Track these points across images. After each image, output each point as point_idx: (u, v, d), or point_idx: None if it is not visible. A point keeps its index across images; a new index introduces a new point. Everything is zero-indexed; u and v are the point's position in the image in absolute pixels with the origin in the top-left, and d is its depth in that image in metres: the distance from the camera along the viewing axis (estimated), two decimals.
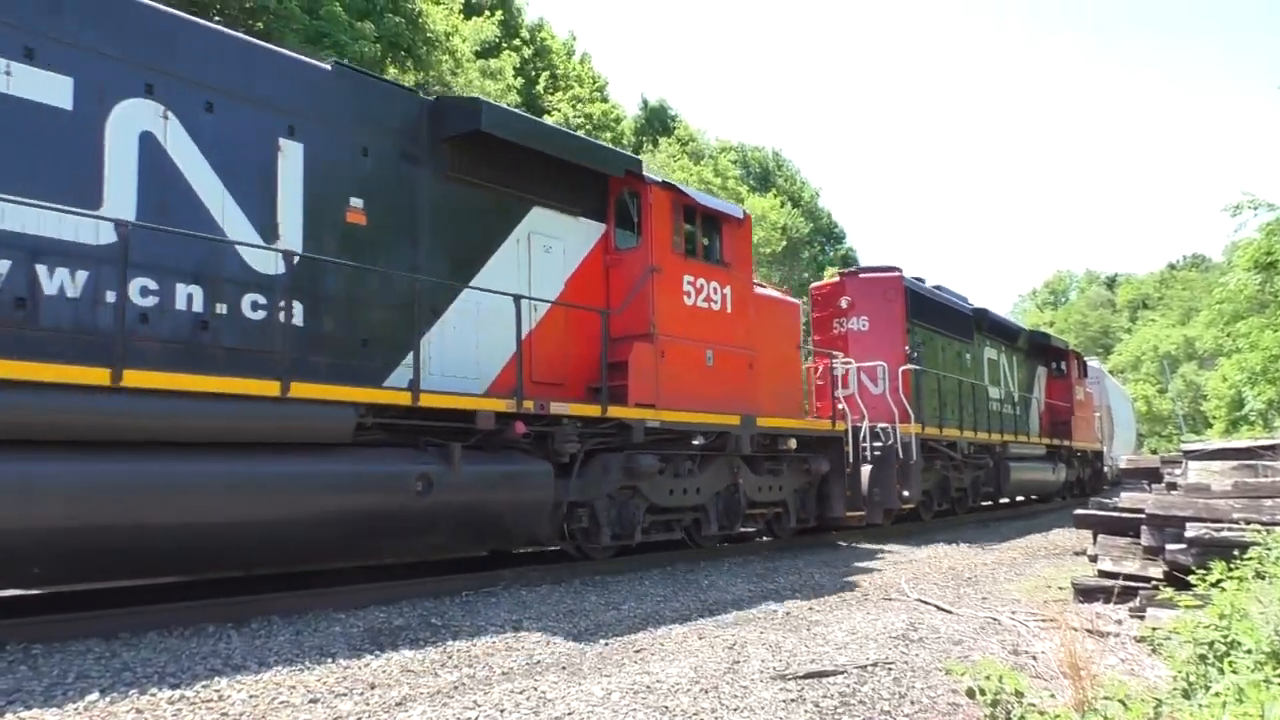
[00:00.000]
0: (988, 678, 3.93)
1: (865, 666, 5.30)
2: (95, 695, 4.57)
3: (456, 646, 5.97)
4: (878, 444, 13.68)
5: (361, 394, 7.22)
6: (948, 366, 17.36)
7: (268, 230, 7.26)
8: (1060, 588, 8.68)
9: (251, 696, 4.66)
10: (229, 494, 6.38)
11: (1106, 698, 3.77)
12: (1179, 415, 65.16)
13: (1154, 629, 5.74)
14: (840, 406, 13.15)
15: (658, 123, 48.23)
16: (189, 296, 6.74)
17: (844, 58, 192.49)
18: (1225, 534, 6.71)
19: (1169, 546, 7.12)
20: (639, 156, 10.85)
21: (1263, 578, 5.34)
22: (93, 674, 4.97)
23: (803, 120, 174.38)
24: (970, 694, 4.03)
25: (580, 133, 32.47)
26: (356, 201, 7.88)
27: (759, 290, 11.97)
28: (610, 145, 10.85)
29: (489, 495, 8.05)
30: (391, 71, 21.74)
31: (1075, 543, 12.76)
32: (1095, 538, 8.63)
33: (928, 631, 6.47)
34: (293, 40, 18.51)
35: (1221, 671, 3.91)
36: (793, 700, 4.61)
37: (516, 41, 32.84)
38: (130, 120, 6.58)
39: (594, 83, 38.95)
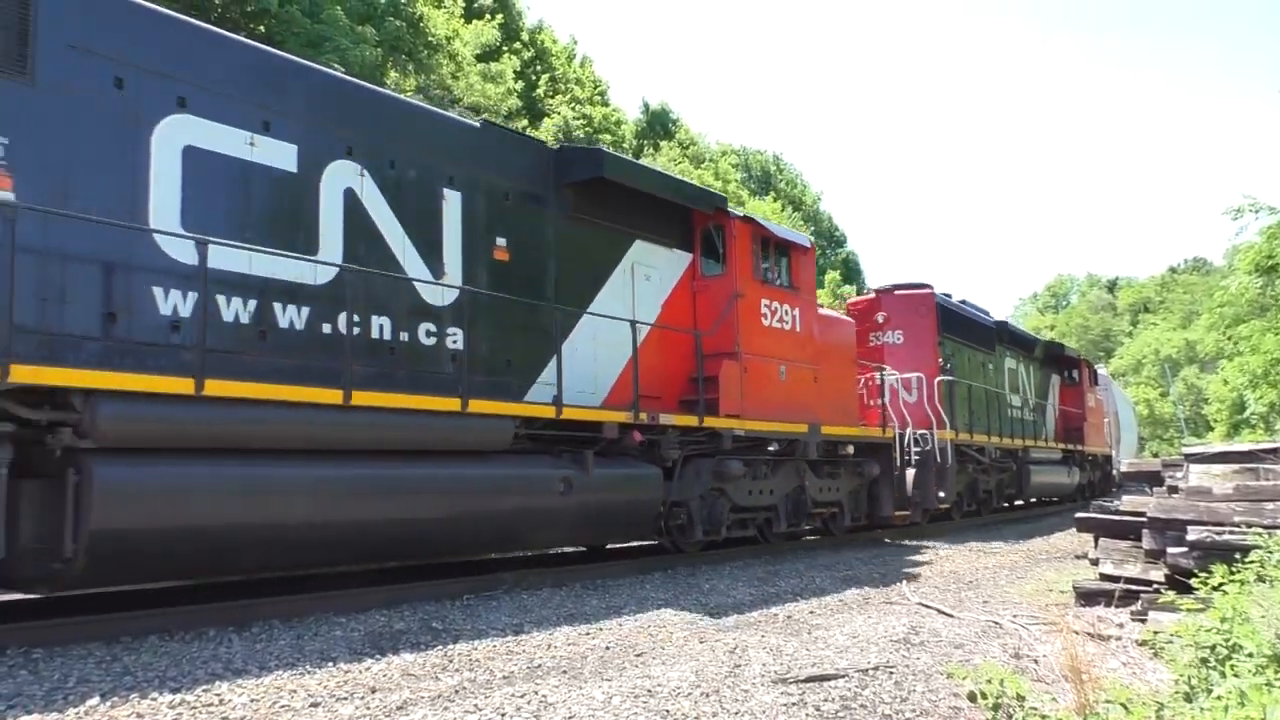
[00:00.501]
0: (989, 681, 3.92)
1: (866, 670, 5.29)
2: (96, 700, 4.57)
3: (457, 650, 5.96)
4: (916, 449, 14.64)
5: (519, 409, 8.56)
6: (973, 376, 18.32)
7: (436, 267, 8.44)
8: (1062, 591, 8.67)
9: (252, 700, 4.66)
10: (423, 494, 7.64)
11: (1108, 701, 3.77)
12: (1180, 419, 65.10)
13: (1155, 632, 5.73)
14: (894, 413, 14.30)
15: (659, 126, 48.25)
16: (380, 326, 7.88)
17: (844, 62, 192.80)
18: (1227, 537, 6.69)
19: (1170, 550, 7.11)
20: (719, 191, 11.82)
21: (1264, 581, 5.34)
22: (93, 678, 4.96)
23: (804, 124, 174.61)
24: (972, 698, 4.03)
25: (579, 135, 32.52)
26: (501, 240, 9.09)
27: (820, 311, 13.14)
28: (700, 185, 12.33)
29: (614, 495, 9.32)
30: (393, 75, 21.77)
31: (1077, 546, 12.75)
32: (1096, 541, 8.62)
33: (929, 635, 6.46)
34: (294, 44, 18.53)
35: (1223, 675, 3.90)
36: (794, 704, 4.60)
37: (516, 45, 32.88)
38: (336, 179, 7.77)
39: (595, 87, 38.98)
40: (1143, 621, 6.50)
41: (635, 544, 11.67)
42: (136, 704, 4.53)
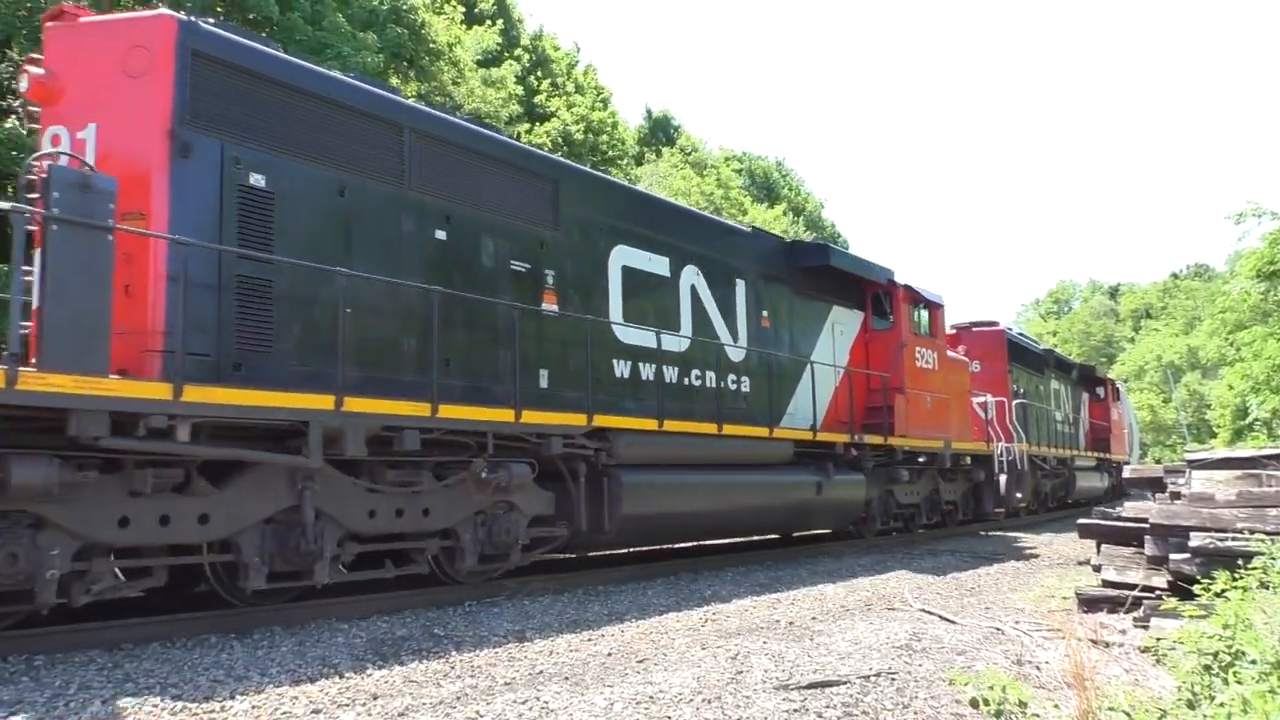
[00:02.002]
0: (991, 688, 3.93)
1: (868, 677, 5.28)
2: (97, 706, 4.56)
3: (459, 656, 5.96)
4: (1000, 459, 18.03)
5: (796, 433, 12.17)
6: (1031, 397, 21.47)
7: (734, 334, 11.92)
8: (1064, 598, 8.64)
9: (254, 707, 4.65)
10: (752, 491, 11.34)
11: (1111, 708, 3.77)
12: (1183, 425, 64.98)
13: (1158, 639, 5.72)
14: (991, 431, 17.83)
15: (661, 133, 48.26)
16: (711, 377, 11.25)
17: (846, 68, 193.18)
18: (1229, 544, 6.67)
19: (1173, 556, 7.08)
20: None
21: (1267, 587, 5.33)
22: (95, 685, 4.96)
23: (806, 130, 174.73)
24: (974, 704, 4.03)
25: (577, 136, 32.47)
26: (765, 312, 12.58)
27: (947, 352, 16.64)
28: (876, 262, 15.41)
29: (843, 494, 12.97)
30: (394, 82, 21.80)
31: (1079, 552, 12.72)
32: (1099, 547, 8.60)
33: (931, 641, 6.45)
34: (295, 52, 18.55)
35: (1226, 682, 3.89)
36: (796, 711, 4.59)
37: (518, 50, 32.90)
38: (687, 279, 11.32)
39: (598, 94, 39.00)
40: (1145, 628, 6.48)
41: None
42: (138, 711, 4.53)
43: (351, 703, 4.78)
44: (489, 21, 29.31)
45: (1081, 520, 9.28)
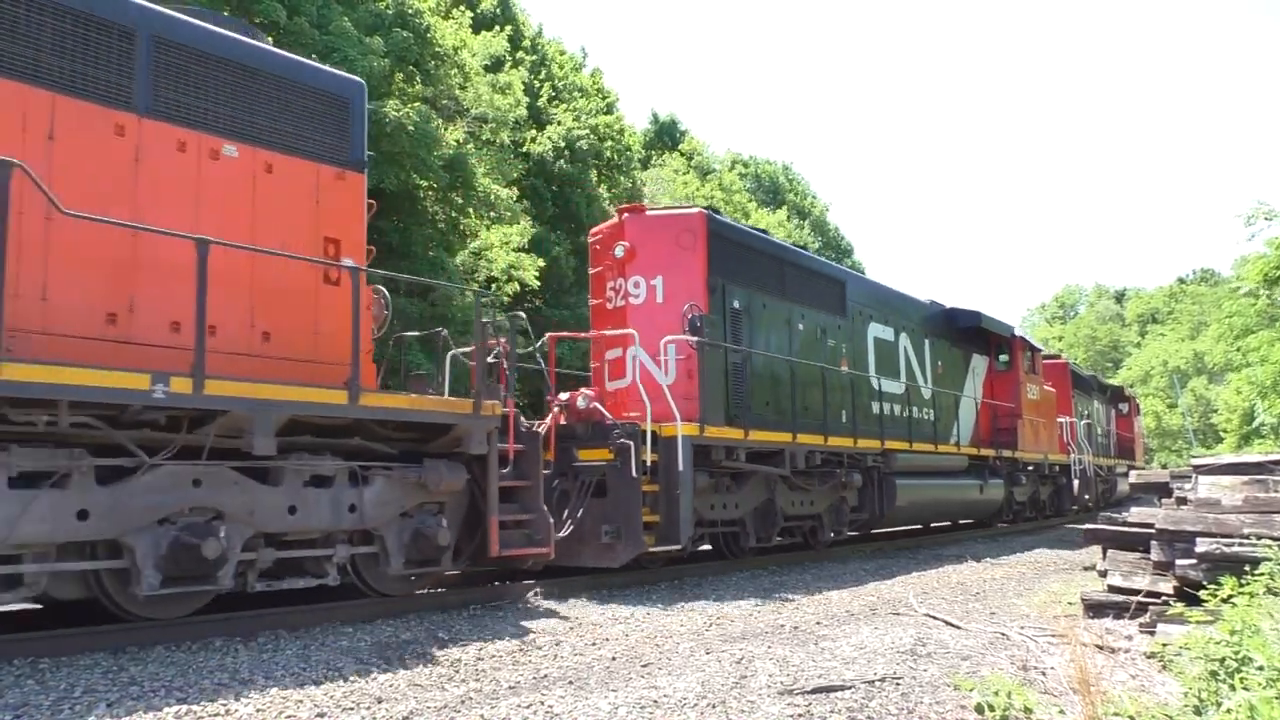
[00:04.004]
0: (996, 693, 3.91)
1: (873, 681, 5.26)
2: (102, 709, 4.57)
3: (464, 660, 5.96)
4: (1075, 468, 23.11)
5: (969, 450, 17.23)
6: (1081, 416, 25.80)
7: (924, 378, 16.29)
8: (1070, 603, 8.60)
9: (258, 711, 4.65)
10: (950, 490, 16.37)
11: (1116, 714, 3.75)
12: (1189, 430, 64.76)
13: (1164, 645, 5.69)
14: (1068, 446, 22.84)
15: (667, 137, 48.31)
16: (916, 410, 15.68)
17: (851, 72, 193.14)
18: (1236, 549, 6.64)
19: (1179, 562, 7.05)
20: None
21: (1274, 593, 5.30)
22: (99, 688, 4.97)
23: (811, 134, 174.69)
24: (979, 709, 4.01)
25: (583, 145, 32.47)
26: (938, 362, 16.98)
27: (1044, 385, 21.58)
28: (1003, 320, 19.85)
29: (993, 494, 17.80)
30: (400, 84, 21.83)
31: (1085, 557, 12.68)
32: (1105, 552, 8.56)
33: (936, 646, 6.43)
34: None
35: (1233, 688, 3.88)
36: (800, 716, 4.58)
37: (519, 53, 32.90)
38: (900, 341, 15.71)
39: (604, 98, 39.01)
40: (1151, 634, 6.45)
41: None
42: (142, 714, 4.53)
43: (356, 706, 4.78)
44: (496, 27, 29.34)
45: (1087, 525, 9.23)
